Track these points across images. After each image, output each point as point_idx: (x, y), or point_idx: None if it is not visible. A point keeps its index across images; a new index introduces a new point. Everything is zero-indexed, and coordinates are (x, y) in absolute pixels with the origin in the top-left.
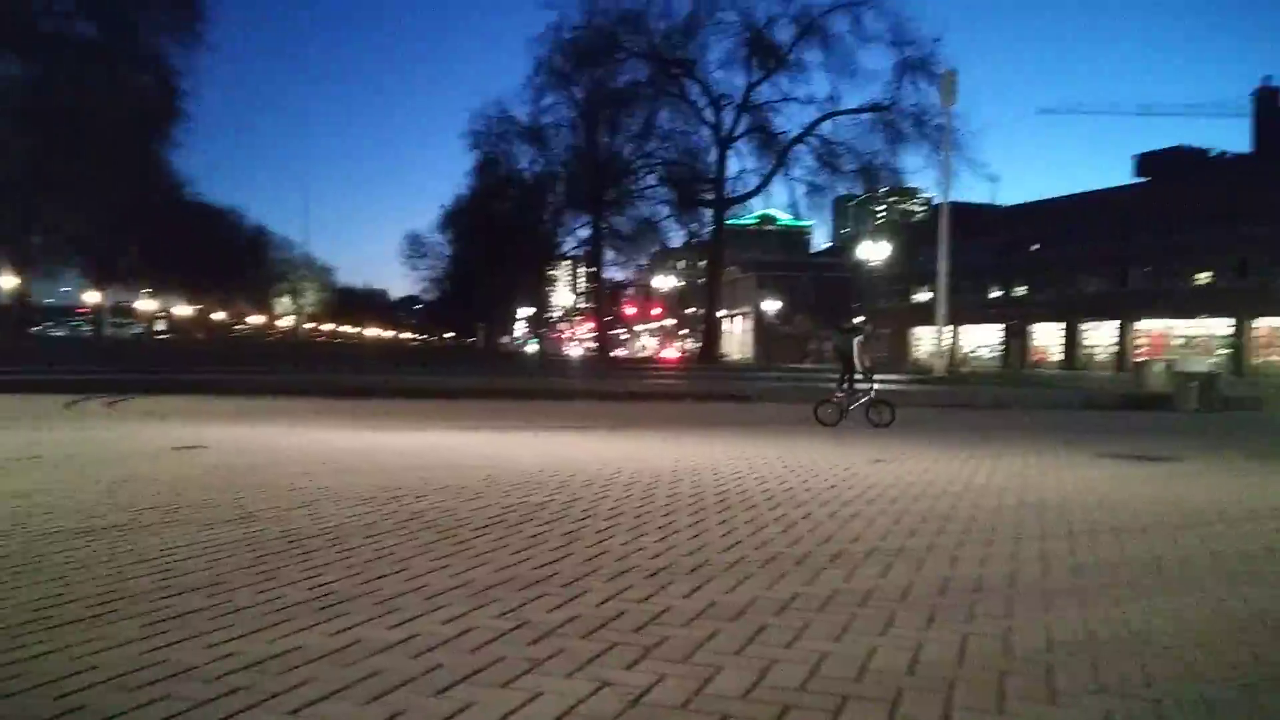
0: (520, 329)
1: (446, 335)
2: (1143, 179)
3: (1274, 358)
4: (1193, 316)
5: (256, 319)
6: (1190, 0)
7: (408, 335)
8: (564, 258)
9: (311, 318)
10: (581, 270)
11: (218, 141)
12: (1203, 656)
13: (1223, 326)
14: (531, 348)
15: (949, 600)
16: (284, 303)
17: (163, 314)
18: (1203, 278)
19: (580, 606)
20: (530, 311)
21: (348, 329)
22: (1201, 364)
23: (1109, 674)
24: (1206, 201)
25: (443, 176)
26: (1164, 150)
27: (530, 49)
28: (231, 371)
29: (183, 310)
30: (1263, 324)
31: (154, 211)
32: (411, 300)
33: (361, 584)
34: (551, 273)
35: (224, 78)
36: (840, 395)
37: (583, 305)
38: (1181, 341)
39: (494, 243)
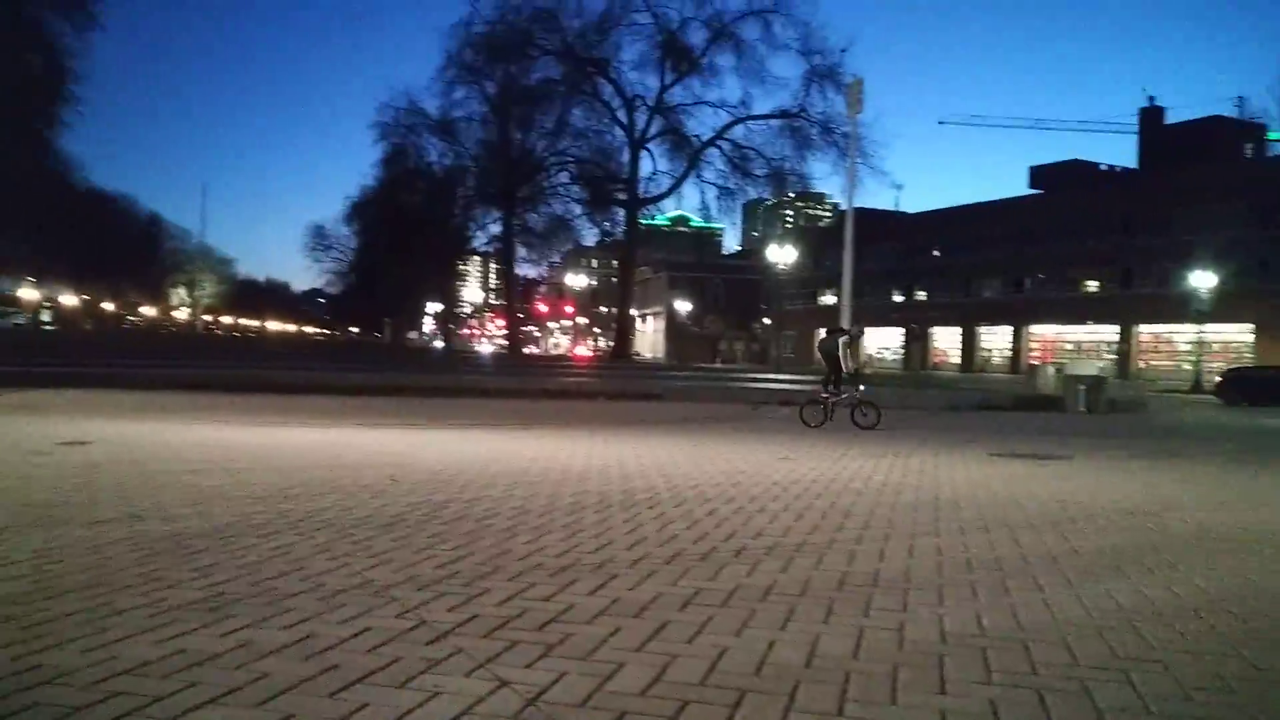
0: (429, 324)
1: (352, 330)
2: (1037, 190)
3: (1156, 362)
4: (1082, 323)
5: (150, 310)
6: (1083, 20)
7: (311, 329)
8: (475, 253)
9: (209, 310)
10: (493, 266)
11: (112, 127)
12: (1086, 646)
13: (1110, 332)
14: (440, 344)
15: (846, 594)
16: (180, 294)
17: (49, 303)
18: (1092, 286)
19: (481, 605)
20: (439, 307)
21: (248, 322)
22: (1090, 368)
23: (997, 664)
24: (1096, 213)
25: (349, 168)
26: (1057, 163)
27: (441, 41)
28: (122, 364)
29: (70, 300)
30: (1146, 330)
31: (39, 196)
32: (315, 294)
33: (253, 584)
34: (462, 268)
35: (120, 61)
36: (826, 396)
37: (494, 302)
38: (1071, 346)
39: (402, 236)
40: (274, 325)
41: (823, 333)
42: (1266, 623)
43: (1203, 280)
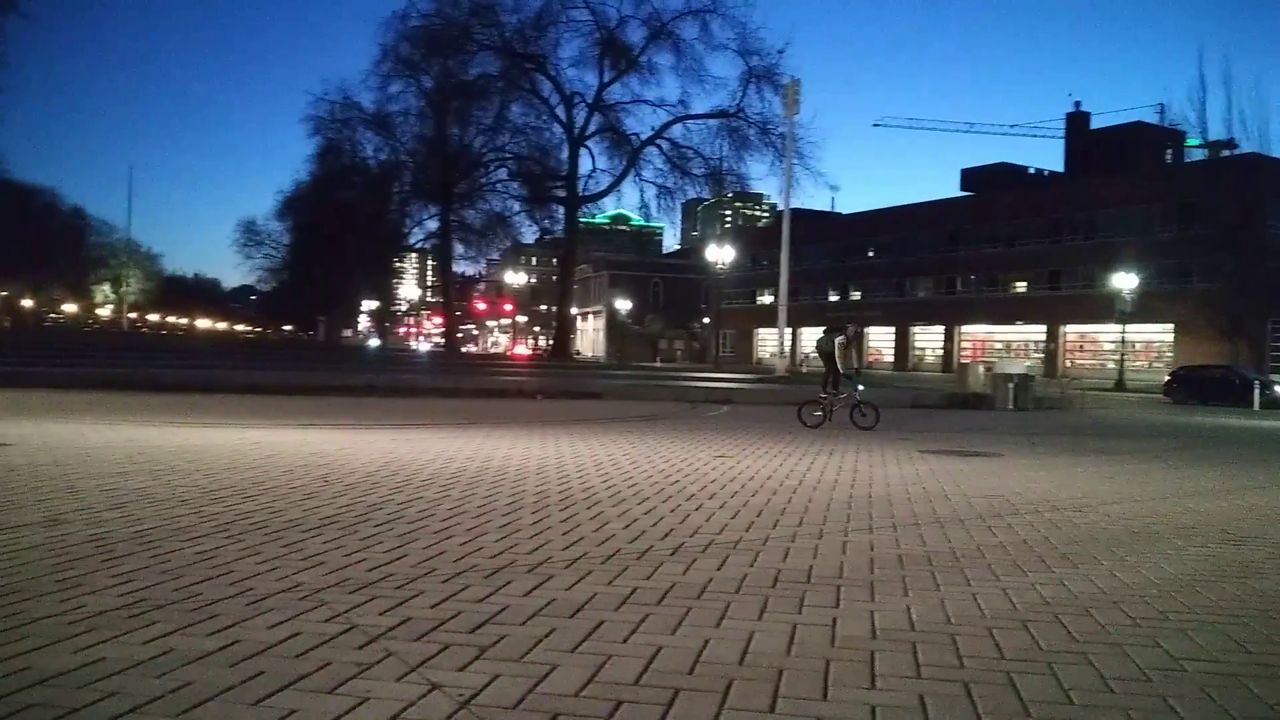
0: (364, 322)
1: (284, 328)
2: (968, 192)
3: (1082, 361)
4: (1011, 322)
5: (72, 307)
6: (1013, 27)
7: (242, 327)
8: (411, 250)
9: (135, 307)
10: (430, 263)
11: (32, 117)
12: (1011, 638)
13: (1038, 332)
14: (376, 342)
15: (781, 591)
16: (104, 290)
17: None
18: (1020, 287)
19: (414, 608)
20: (375, 305)
21: (175, 320)
22: (1018, 367)
23: (926, 658)
24: (1024, 216)
25: (281, 162)
26: (988, 166)
27: (376, 34)
28: (42, 363)
29: None
30: (1072, 330)
31: None
32: (246, 291)
33: (177, 590)
34: (398, 265)
35: (41, 49)
36: (825, 397)
37: (431, 299)
38: (1001, 345)
39: (336, 232)
40: (203, 323)
41: (820, 332)
42: (1181, 612)
43: (1126, 282)
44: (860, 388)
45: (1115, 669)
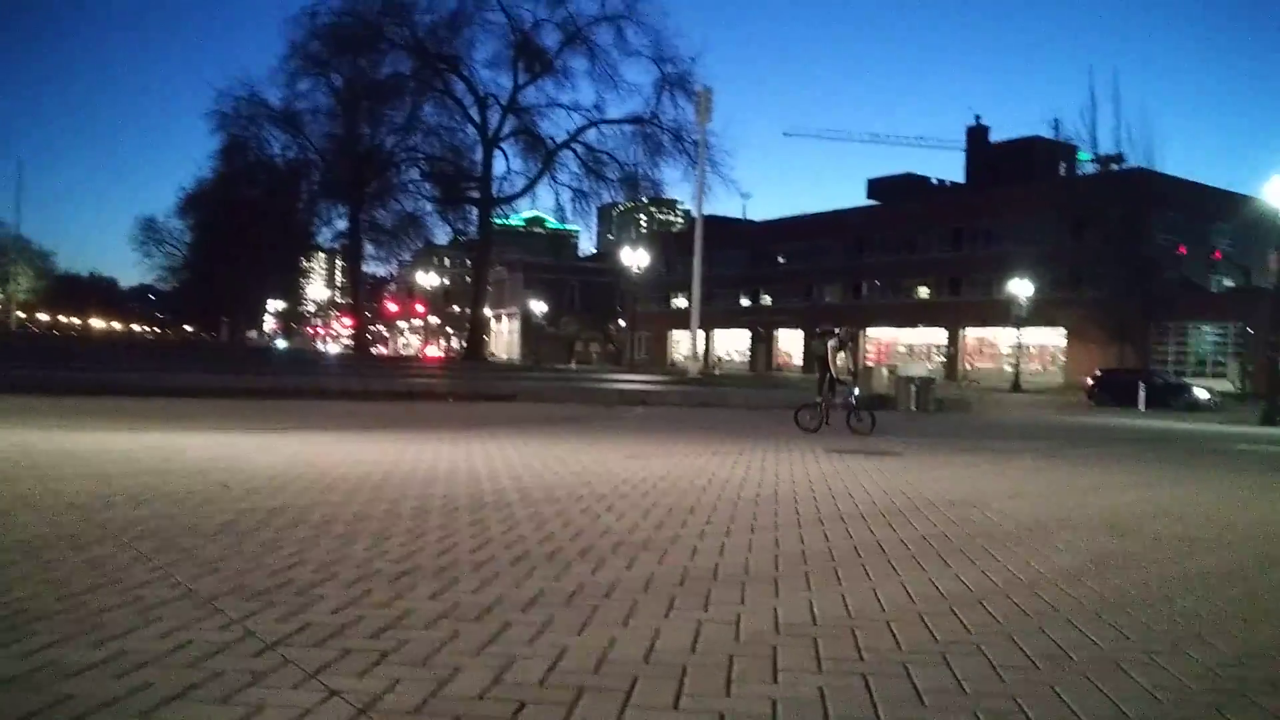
0: (270, 324)
1: (185, 329)
2: (874, 201)
3: (981, 364)
4: (914, 326)
5: None
6: (917, 40)
7: (140, 328)
8: (320, 250)
9: (25, 306)
10: (339, 264)
11: None
12: (909, 631)
13: (939, 336)
14: (282, 343)
15: (687, 589)
16: None
17: None
18: (923, 292)
19: (313, 614)
20: (282, 305)
21: (69, 320)
22: (920, 369)
23: (826, 652)
24: (927, 224)
25: (183, 158)
26: (893, 176)
27: (284, 30)
28: None
29: None
30: (972, 334)
31: None
32: (146, 290)
33: (60, 599)
34: (306, 265)
35: None
36: (819, 400)
37: (340, 300)
38: (904, 349)
39: (241, 231)
40: (98, 323)
41: (815, 335)
42: (1068, 603)
43: (1022, 288)
44: (856, 392)
45: (1005, 658)
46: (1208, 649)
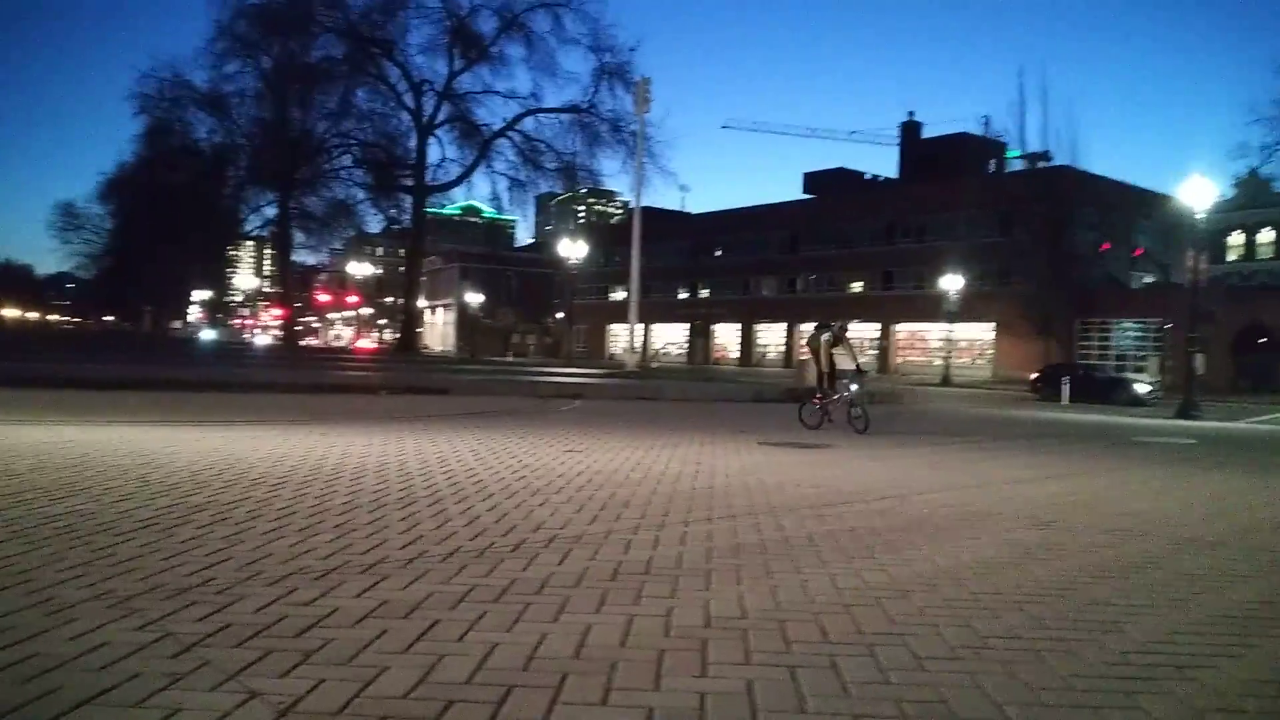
0: (196, 313)
1: (106, 318)
2: (810, 195)
3: (912, 358)
4: (848, 320)
5: None
6: (853, 37)
7: (58, 317)
8: (248, 238)
9: None
10: (268, 252)
11: None
12: (836, 623)
13: (872, 330)
14: (209, 334)
15: (620, 584)
16: None
17: None
18: (856, 287)
19: (235, 614)
20: (208, 295)
21: None
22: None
23: (755, 645)
24: (861, 219)
25: (103, 141)
26: (828, 170)
27: (211, 10)
28: None
29: None
30: (903, 328)
31: None
32: (64, 278)
33: None
34: (233, 253)
35: None
36: (820, 396)
37: (270, 290)
38: None
39: (165, 217)
40: (11, 313)
41: (811, 330)
42: (990, 593)
43: (952, 283)
44: (853, 387)
45: (929, 648)
46: (1122, 636)
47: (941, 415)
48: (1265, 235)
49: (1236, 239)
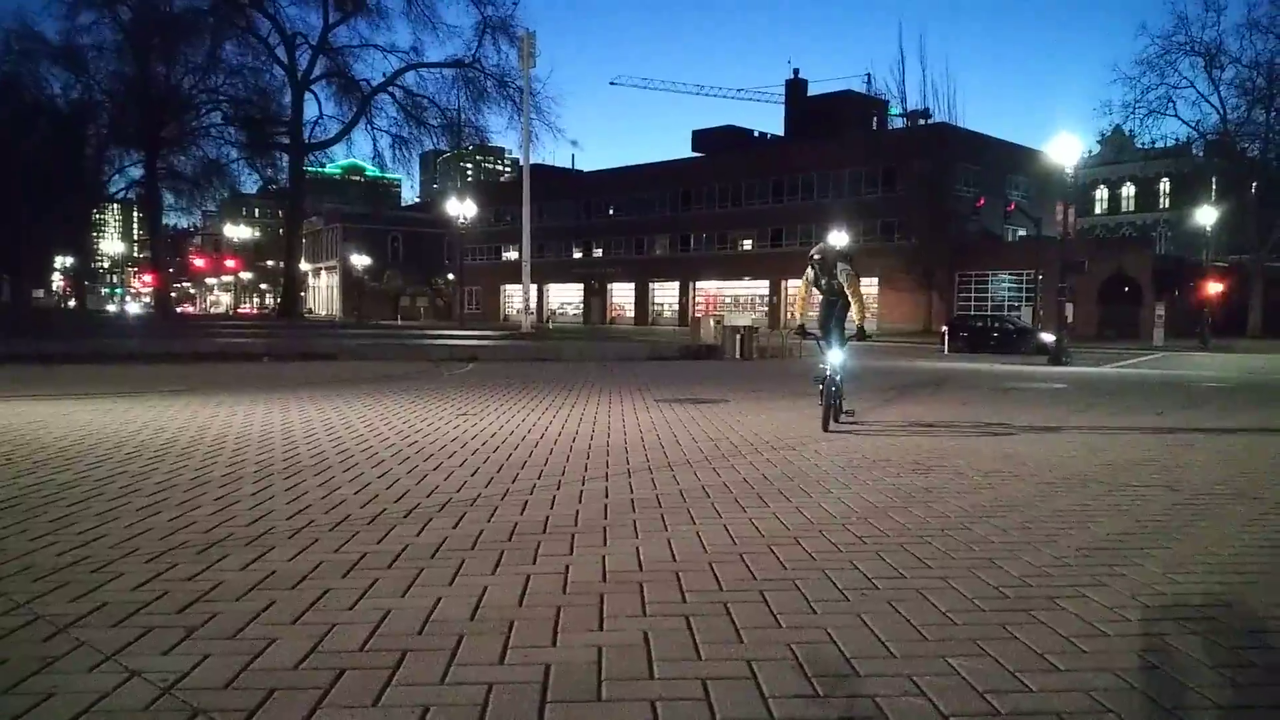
0: (59, 281)
1: None
2: (699, 154)
3: (801, 313)
4: (739, 278)
5: None
6: None
7: None
8: (113, 200)
9: None
10: (137, 216)
11: None
12: (729, 571)
13: (762, 287)
14: (74, 303)
15: (516, 544)
16: None
17: None
18: (747, 244)
19: (111, 592)
20: (70, 262)
21: None
22: (744, 319)
23: (651, 596)
24: (749, 177)
25: None
26: (716, 128)
27: None
28: None
29: None
30: (793, 284)
31: None
32: None
33: None
34: (99, 218)
35: None
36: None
37: (140, 255)
38: (730, 300)
39: (18, 181)
40: None
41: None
42: (876, 536)
43: (838, 239)
44: (832, 358)
45: (818, 592)
46: (999, 572)
47: None
48: (1128, 189)
49: (1102, 193)
